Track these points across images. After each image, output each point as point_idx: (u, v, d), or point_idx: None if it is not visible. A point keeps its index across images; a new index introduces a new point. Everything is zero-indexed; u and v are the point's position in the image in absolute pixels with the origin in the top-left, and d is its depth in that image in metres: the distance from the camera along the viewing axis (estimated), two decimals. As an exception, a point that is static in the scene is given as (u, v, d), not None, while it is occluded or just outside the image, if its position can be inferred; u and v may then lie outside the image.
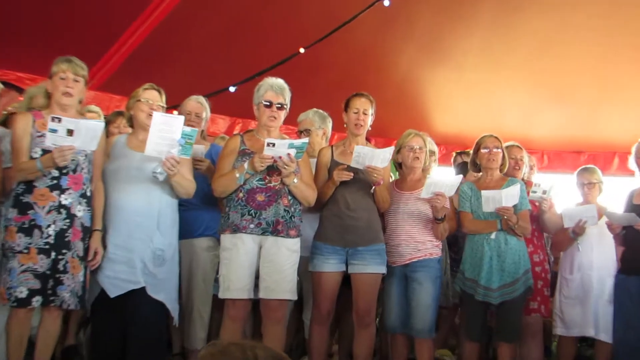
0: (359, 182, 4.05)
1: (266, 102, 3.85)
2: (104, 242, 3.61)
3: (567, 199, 4.93)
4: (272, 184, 3.76)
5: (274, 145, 3.63)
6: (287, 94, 3.92)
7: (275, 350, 1.95)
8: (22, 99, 4.30)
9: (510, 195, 4.20)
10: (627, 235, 4.40)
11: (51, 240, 3.42)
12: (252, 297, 3.75)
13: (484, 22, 7.33)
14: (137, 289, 3.59)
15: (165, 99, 3.86)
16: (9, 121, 3.92)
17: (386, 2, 6.82)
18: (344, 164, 4.01)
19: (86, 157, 3.55)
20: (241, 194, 3.75)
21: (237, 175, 3.72)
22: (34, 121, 3.51)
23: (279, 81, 3.93)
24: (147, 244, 3.63)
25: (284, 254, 3.75)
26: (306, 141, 3.77)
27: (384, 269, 4.06)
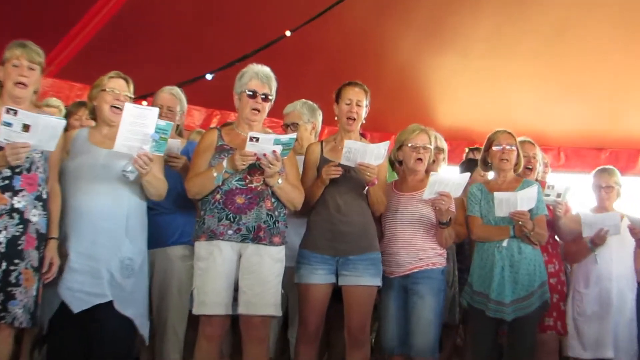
0: (351, 182, 4.04)
1: (250, 91, 3.83)
2: (63, 251, 3.58)
3: (586, 202, 4.97)
4: (253, 185, 3.73)
5: (257, 140, 3.59)
6: (274, 83, 3.91)
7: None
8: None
9: (526, 197, 4.20)
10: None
11: (2, 248, 3.36)
12: (231, 312, 3.72)
13: (494, 4, 7.35)
14: (103, 304, 3.56)
15: (133, 88, 3.84)
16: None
17: (384, -21, 6.87)
18: (335, 162, 4.00)
19: (42, 154, 3.51)
20: (218, 196, 3.72)
21: (215, 174, 3.69)
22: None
23: (265, 69, 3.92)
24: (115, 252, 3.61)
25: (267, 264, 3.73)
26: (294, 137, 3.75)
27: (379, 281, 4.06)
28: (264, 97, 3.86)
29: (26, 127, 3.29)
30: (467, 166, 5.28)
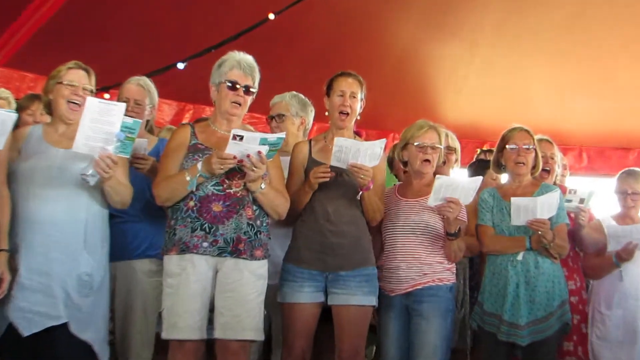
0: (343, 187, 4.04)
1: (230, 82, 3.83)
2: (14, 264, 3.54)
3: (611, 209, 4.99)
4: (232, 190, 3.72)
5: (241, 139, 3.57)
6: (257, 75, 3.92)
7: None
8: None
9: (547, 204, 4.20)
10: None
11: (-61, 262, 3.37)
12: (206, 337, 3.72)
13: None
14: (58, 326, 3.53)
15: (95, 80, 3.83)
16: None
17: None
18: (325, 163, 3.99)
19: (-13, 153, 3.50)
20: (192, 203, 3.71)
21: (188, 178, 3.66)
22: None
23: (248, 58, 3.92)
24: (71, 267, 3.59)
25: (248, 281, 3.72)
26: (282, 136, 3.72)
27: (374, 300, 4.05)
28: (246, 89, 3.85)
29: None
30: (477, 168, 5.29)
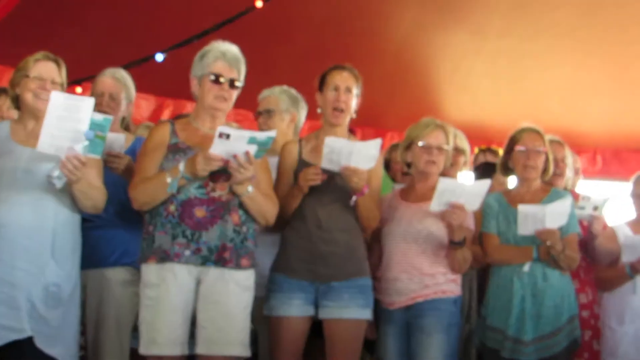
0: (336, 191, 4.06)
1: (214, 75, 3.84)
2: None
3: (627, 216, 5.03)
4: (216, 194, 3.73)
5: (228, 137, 3.55)
6: (243, 67, 3.92)
7: None
8: None
9: (557, 213, 4.21)
10: None
11: None
12: (187, 352, 3.73)
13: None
14: (22, 340, 3.53)
15: (65, 73, 3.84)
16: None
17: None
18: (316, 165, 4.01)
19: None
20: (172, 208, 3.72)
21: (168, 180, 3.66)
22: None
23: (233, 49, 3.93)
24: (37, 276, 3.59)
25: (233, 293, 3.73)
26: (272, 135, 3.70)
27: (368, 313, 4.08)
28: (231, 83, 3.86)
29: None
30: (484, 172, 5.30)
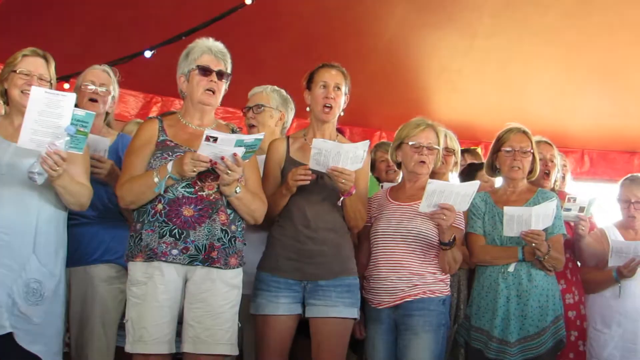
0: (324, 191, 4.07)
1: (201, 67, 3.84)
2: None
3: (615, 217, 5.06)
4: (204, 193, 3.73)
5: (215, 140, 3.54)
6: (230, 62, 3.93)
7: None
8: None
9: (542, 214, 4.22)
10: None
11: None
12: (174, 351, 3.72)
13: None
14: (2, 336, 3.53)
15: (54, 68, 3.84)
16: None
17: None
18: (305, 164, 4.01)
19: None
20: (160, 206, 3.70)
21: (156, 180, 3.65)
22: None
23: (218, 44, 3.94)
24: (18, 272, 3.59)
25: (221, 291, 3.73)
26: (260, 137, 3.70)
27: (355, 312, 4.08)
28: (219, 74, 3.86)
29: None
30: (469, 172, 5.30)
